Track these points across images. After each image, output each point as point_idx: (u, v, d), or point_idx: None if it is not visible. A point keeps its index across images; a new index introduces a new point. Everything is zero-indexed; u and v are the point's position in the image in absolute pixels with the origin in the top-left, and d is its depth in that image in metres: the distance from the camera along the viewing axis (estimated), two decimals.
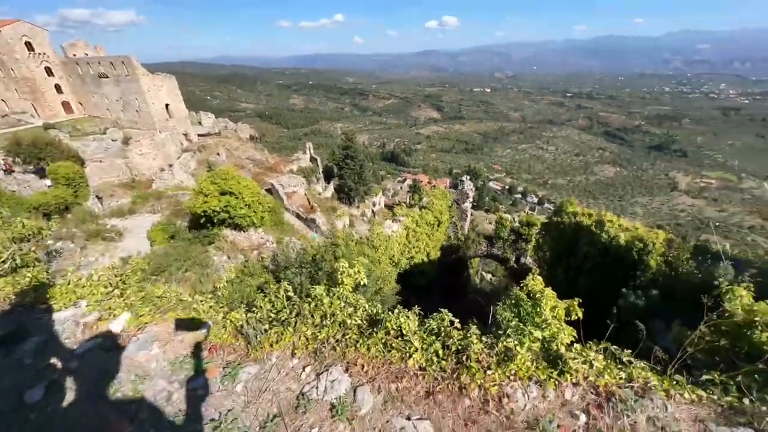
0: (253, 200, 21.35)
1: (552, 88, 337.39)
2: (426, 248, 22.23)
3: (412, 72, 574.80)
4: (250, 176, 36.36)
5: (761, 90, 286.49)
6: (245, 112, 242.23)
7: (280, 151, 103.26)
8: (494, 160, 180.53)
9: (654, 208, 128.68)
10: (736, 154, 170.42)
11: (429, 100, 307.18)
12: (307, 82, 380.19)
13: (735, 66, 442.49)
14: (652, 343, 4.39)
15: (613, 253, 15.88)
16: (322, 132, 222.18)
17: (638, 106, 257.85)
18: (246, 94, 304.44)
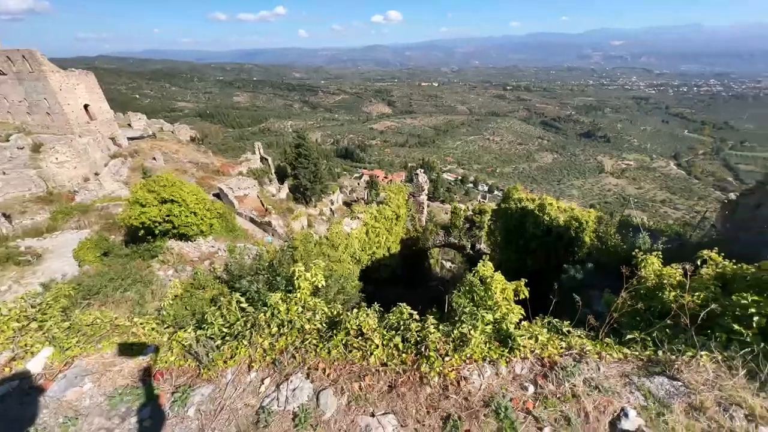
0: (199, 207, 19.86)
1: (494, 82, 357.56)
2: (386, 243, 22.49)
3: (360, 67, 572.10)
4: (194, 181, 33.69)
5: (662, 81, 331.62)
6: (183, 112, 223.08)
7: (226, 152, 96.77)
8: (446, 153, 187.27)
9: (587, 189, 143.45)
10: (648, 138, 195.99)
11: (380, 95, 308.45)
12: (251, 78, 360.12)
13: (643, 60, 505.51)
14: (590, 311, 4.93)
15: (554, 233, 17.43)
16: (272, 131, 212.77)
17: (568, 97, 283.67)
18: (182, 92, 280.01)
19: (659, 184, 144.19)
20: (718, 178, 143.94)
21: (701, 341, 3.44)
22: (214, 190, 32.11)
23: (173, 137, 48.25)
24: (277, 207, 33.45)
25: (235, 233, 24.77)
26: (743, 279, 4.03)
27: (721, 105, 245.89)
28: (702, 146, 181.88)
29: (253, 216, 29.27)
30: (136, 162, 35.69)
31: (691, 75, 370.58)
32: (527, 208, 18.11)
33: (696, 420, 2.64)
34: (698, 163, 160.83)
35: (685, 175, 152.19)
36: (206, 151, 46.81)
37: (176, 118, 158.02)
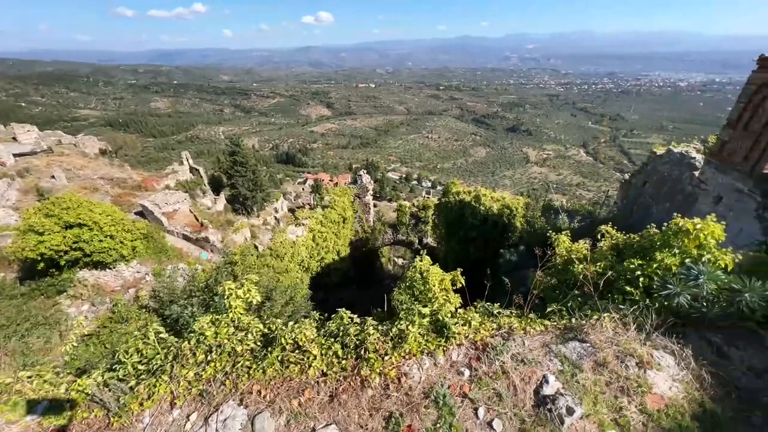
0: (116, 229, 17.43)
1: (427, 82, 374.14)
2: (335, 246, 22.18)
3: (294, 68, 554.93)
4: (108, 200, 29.42)
5: (568, 80, 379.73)
6: (88, 121, 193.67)
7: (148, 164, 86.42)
8: (389, 152, 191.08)
9: (517, 179, 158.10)
10: (561, 130, 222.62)
11: (317, 97, 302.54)
12: (171, 82, 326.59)
13: (552, 62, 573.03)
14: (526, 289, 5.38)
15: (490, 221, 18.88)
16: (201, 138, 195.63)
17: (494, 95, 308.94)
18: (84, 98, 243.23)
19: (574, 170, 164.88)
20: (617, 162, 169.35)
21: (603, 305, 3.98)
22: (136, 208, 28.43)
23: (77, 151, 41.58)
24: (215, 220, 30.84)
25: (166, 254, 22.27)
26: (631, 247, 4.79)
27: (613, 100, 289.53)
28: (603, 135, 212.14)
29: (187, 233, 26.61)
30: (28, 182, 30.01)
31: (589, 75, 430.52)
32: (465, 200, 19.31)
33: (600, 374, 3.05)
34: (601, 150, 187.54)
35: (592, 160, 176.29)
36: (122, 165, 41.22)
37: (80, 129, 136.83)
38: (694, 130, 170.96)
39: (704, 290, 3.42)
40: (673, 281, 3.57)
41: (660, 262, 4.04)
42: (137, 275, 18.57)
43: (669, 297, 3.54)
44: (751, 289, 3.24)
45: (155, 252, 21.54)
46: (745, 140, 10.83)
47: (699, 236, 3.95)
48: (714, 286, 3.48)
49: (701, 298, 3.49)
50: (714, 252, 3.99)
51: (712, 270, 3.51)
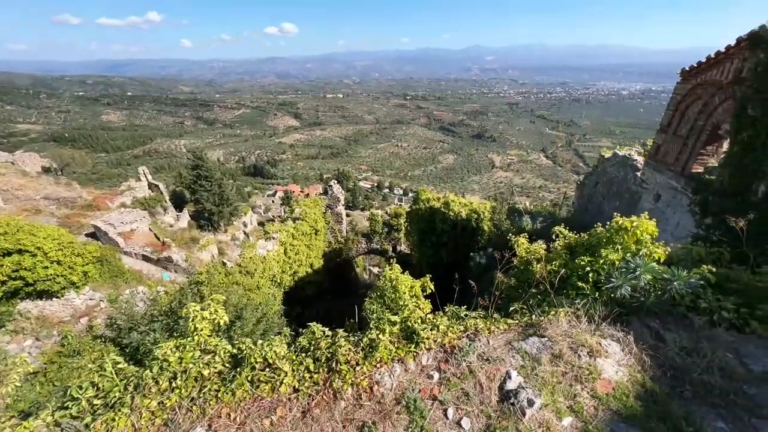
0: (64, 253, 16.05)
1: (394, 92, 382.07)
2: (308, 259, 21.79)
3: (260, 79, 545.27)
4: (54, 222, 26.95)
5: (525, 90, 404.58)
6: (28, 137, 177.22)
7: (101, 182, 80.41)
8: (359, 161, 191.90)
9: (484, 183, 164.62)
10: (522, 136, 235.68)
11: (285, 107, 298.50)
12: (124, 93, 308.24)
13: (510, 73, 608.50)
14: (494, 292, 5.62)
15: (460, 226, 19.50)
16: (161, 152, 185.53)
17: (458, 105, 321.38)
18: (24, 111, 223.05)
19: (536, 173, 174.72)
20: (573, 165, 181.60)
21: (559, 301, 4.31)
22: (87, 230, 26.26)
23: (15, 169, 37.86)
24: (178, 238, 29.20)
25: (123, 277, 20.75)
26: (582, 245, 5.23)
27: (566, 107, 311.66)
28: (559, 140, 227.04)
29: (147, 253, 24.97)
30: None
31: (544, 84, 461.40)
32: (435, 206, 19.83)
33: (557, 366, 3.30)
34: (559, 154, 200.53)
35: (552, 164, 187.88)
36: (70, 183, 38.00)
37: (18, 145, 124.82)
38: (636, 134, 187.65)
39: (641, 281, 3.82)
40: (615, 275, 3.96)
41: (605, 258, 4.45)
42: (90, 303, 17.11)
43: (613, 289, 3.92)
44: (678, 278, 3.67)
45: (111, 276, 20.01)
46: (675, 143, 12.15)
47: (636, 233, 4.43)
48: (650, 277, 3.89)
49: (640, 289, 3.89)
50: (649, 246, 4.47)
51: (647, 263, 3.93)
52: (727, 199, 8.78)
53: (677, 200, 11.88)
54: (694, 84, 11.18)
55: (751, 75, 8.29)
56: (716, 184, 9.41)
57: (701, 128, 10.97)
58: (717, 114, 10.32)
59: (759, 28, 8.18)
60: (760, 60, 8.03)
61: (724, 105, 9.93)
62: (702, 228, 9.60)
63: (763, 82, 7.88)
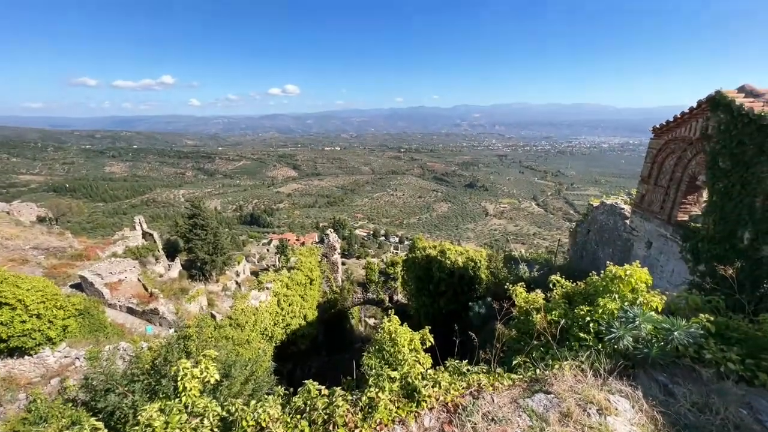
0: (46, 306, 15.37)
1: (389, 146, 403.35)
2: (302, 311, 20.98)
3: (261, 134, 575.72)
4: (40, 273, 26.17)
5: (512, 143, 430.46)
6: (28, 187, 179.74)
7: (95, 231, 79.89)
8: (356, 210, 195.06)
9: (479, 231, 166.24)
10: (513, 186, 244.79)
11: (284, 159, 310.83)
12: (130, 147, 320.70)
13: (497, 128, 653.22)
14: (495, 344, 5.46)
15: (457, 274, 19.30)
16: (159, 201, 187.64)
17: (450, 156, 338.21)
18: (28, 164, 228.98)
19: (529, 220, 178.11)
20: (564, 212, 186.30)
21: (562, 353, 4.20)
22: (74, 280, 25.44)
23: (9, 219, 37.74)
24: (167, 289, 28.32)
25: (104, 332, 19.64)
26: (580, 294, 5.23)
27: (552, 159, 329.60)
28: (549, 189, 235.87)
29: (133, 305, 23.99)
30: None
31: (529, 138, 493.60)
32: (431, 255, 19.81)
33: (566, 426, 3.12)
34: (550, 202, 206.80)
35: (543, 212, 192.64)
36: (63, 233, 37.70)
37: (17, 195, 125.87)
38: (621, 183, 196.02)
39: (642, 331, 3.79)
40: (616, 325, 3.93)
41: (604, 307, 4.45)
42: (64, 361, 15.94)
43: (616, 340, 3.86)
44: (678, 327, 3.66)
45: (91, 331, 18.94)
46: (658, 193, 12.75)
47: (631, 281, 4.49)
48: (650, 327, 3.87)
49: (642, 339, 3.84)
50: (645, 295, 4.50)
51: (645, 312, 3.93)
52: (716, 246, 9.01)
53: (668, 247, 12.11)
54: (666, 139, 12.11)
55: (716, 132, 9.07)
56: (703, 231, 9.71)
57: (680, 179, 11.62)
58: (692, 166, 11.03)
59: (715, 93, 9.17)
60: (722, 119, 8.87)
61: (697, 158, 10.66)
62: (697, 275, 9.67)
63: (728, 139, 8.60)
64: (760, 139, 7.45)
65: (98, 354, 11.45)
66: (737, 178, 8.33)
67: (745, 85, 9.03)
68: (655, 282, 12.70)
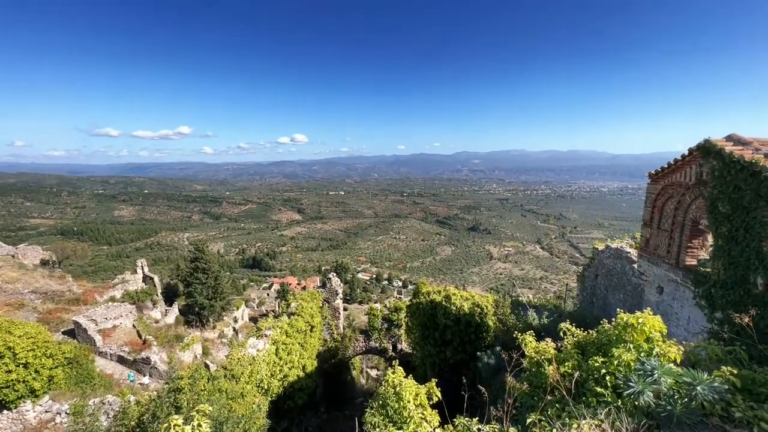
0: (35, 354, 14.77)
1: (392, 190, 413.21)
2: (301, 360, 19.88)
3: (269, 179, 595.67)
4: (35, 318, 25.51)
5: (512, 188, 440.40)
6: (37, 230, 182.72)
7: (96, 274, 79.38)
8: (358, 253, 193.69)
9: (484, 275, 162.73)
10: (516, 229, 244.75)
11: (289, 203, 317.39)
12: (141, 191, 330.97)
13: (496, 173, 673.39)
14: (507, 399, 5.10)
15: (463, 321, 18.55)
16: (163, 245, 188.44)
17: (452, 200, 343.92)
18: (41, 207, 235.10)
19: (534, 264, 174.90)
20: (570, 256, 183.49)
21: (579, 409, 3.90)
22: (68, 326, 24.68)
23: (13, 262, 37.81)
24: (162, 336, 27.24)
25: (92, 383, 18.58)
26: (592, 344, 4.98)
27: (553, 202, 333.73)
28: (552, 232, 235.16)
29: (124, 353, 22.94)
30: None
31: (529, 183, 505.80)
32: (436, 300, 19.25)
33: None
34: (554, 245, 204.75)
35: (549, 255, 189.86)
36: (63, 276, 37.43)
37: (26, 238, 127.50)
38: (624, 226, 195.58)
39: (663, 386, 3.56)
40: (634, 378, 3.70)
41: (619, 359, 4.22)
42: (44, 416, 14.90)
43: (635, 395, 3.61)
44: (700, 381, 3.44)
45: (78, 381, 17.94)
46: (662, 237, 12.69)
47: (644, 330, 4.30)
48: (671, 380, 3.64)
49: (663, 395, 3.59)
50: (661, 345, 4.29)
51: (663, 364, 3.73)
52: (729, 292, 8.73)
53: (681, 293, 11.73)
54: (663, 185, 12.38)
55: (711, 178, 9.29)
56: (714, 276, 9.48)
57: (682, 223, 11.64)
58: (692, 210, 11.12)
59: (705, 142, 9.57)
60: (715, 166, 9.14)
61: (696, 202, 10.78)
62: (714, 323, 9.26)
63: (724, 184, 8.79)
64: (755, 185, 7.61)
65: (82, 409, 10.75)
66: (740, 222, 8.35)
67: (732, 134, 9.45)
68: (672, 330, 12.09)
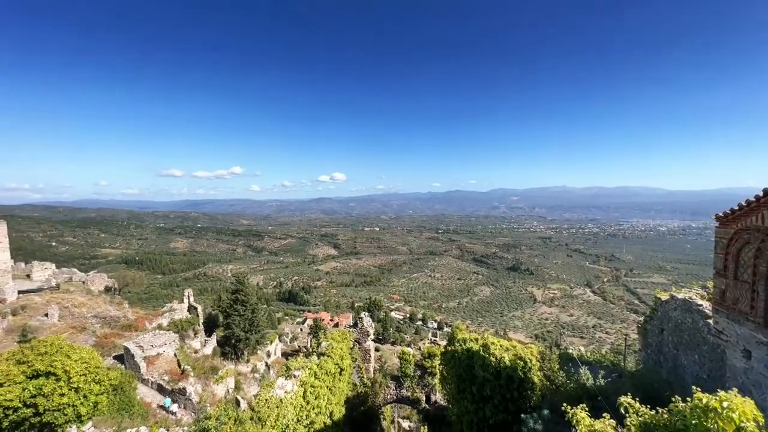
0: (86, 379, 15.69)
1: (427, 227, 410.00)
2: (328, 406, 18.97)
3: (308, 215, 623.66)
4: (92, 342, 27.62)
5: (555, 225, 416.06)
6: (106, 259, 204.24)
7: (148, 301, 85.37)
8: (392, 290, 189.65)
9: (527, 320, 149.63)
10: (561, 270, 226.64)
11: (326, 238, 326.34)
12: (195, 226, 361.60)
13: (536, 210, 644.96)
14: None
15: (504, 375, 16.76)
16: (209, 276, 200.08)
17: (489, 238, 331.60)
18: (111, 239, 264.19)
19: (585, 310, 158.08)
20: (627, 302, 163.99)
21: None
22: (118, 350, 26.28)
23: (82, 288, 42.08)
24: (199, 367, 27.89)
25: (131, 411, 19.18)
26: (664, 428, 4.14)
27: (602, 242, 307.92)
28: (604, 274, 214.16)
29: (163, 382, 23.66)
30: (17, 321, 29.04)
31: (573, 221, 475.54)
32: (473, 349, 17.79)
33: None
34: (608, 289, 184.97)
35: (601, 300, 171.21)
36: (121, 303, 40.69)
37: (95, 266, 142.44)
38: (691, 270, 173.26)
39: None
40: None
41: None
42: None
43: None
44: None
45: (119, 408, 18.61)
46: (742, 289, 10.89)
47: (731, 417, 3.49)
48: None
49: None
50: None
51: None
52: None
53: None
54: (736, 229, 10.89)
55: None
56: None
57: (766, 275, 9.99)
58: None
59: None
60: None
61: None
62: None
63: None
64: None
65: None
66: None
67: None
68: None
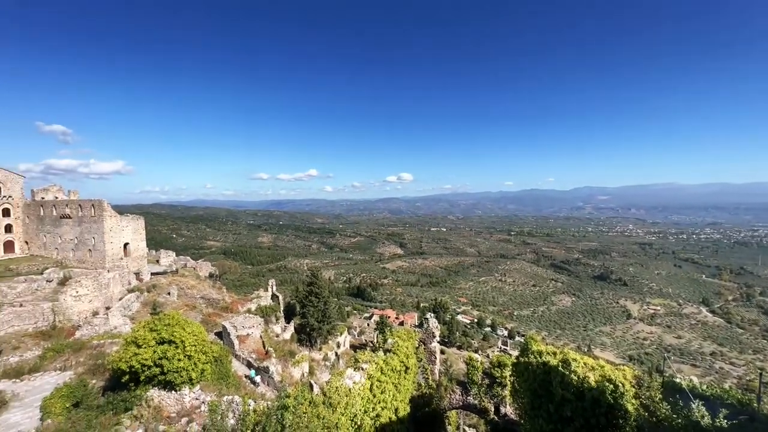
0: (196, 349, 18.78)
1: (497, 228, 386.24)
2: (393, 402, 19.33)
3: (375, 214, 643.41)
4: (200, 318, 33.06)
5: (659, 229, 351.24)
6: (210, 250, 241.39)
7: (240, 288, 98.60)
8: (459, 293, 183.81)
9: (618, 337, 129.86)
10: (666, 282, 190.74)
11: (392, 237, 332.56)
12: (277, 223, 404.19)
13: (633, 212, 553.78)
14: None
15: (588, 397, 14.89)
16: (288, 268, 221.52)
17: (571, 242, 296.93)
18: (214, 233, 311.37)
19: (699, 333, 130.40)
20: (763, 327, 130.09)
21: None
22: (218, 328, 30.98)
23: (193, 273, 50.57)
24: (279, 349, 31.16)
25: (227, 381, 22.35)
26: None
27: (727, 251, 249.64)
28: (728, 292, 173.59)
29: (252, 359, 27.04)
30: (150, 297, 36.35)
31: (684, 224, 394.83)
32: (550, 363, 16.22)
33: None
34: (734, 310, 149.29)
35: (724, 323, 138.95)
36: (220, 287, 47.82)
37: (202, 255, 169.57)
38: None
39: None
40: None
41: None
42: (195, 402, 18.49)
43: None
44: None
45: (218, 378, 21.82)
46: None
47: None
48: None
49: None
50: None
51: None
52: None
53: None
54: None
55: None
56: None
57: None
58: None
59: None
60: None
61: None
62: None
63: None
64: None
65: (216, 408, 12.89)
66: None
67: None
68: None
